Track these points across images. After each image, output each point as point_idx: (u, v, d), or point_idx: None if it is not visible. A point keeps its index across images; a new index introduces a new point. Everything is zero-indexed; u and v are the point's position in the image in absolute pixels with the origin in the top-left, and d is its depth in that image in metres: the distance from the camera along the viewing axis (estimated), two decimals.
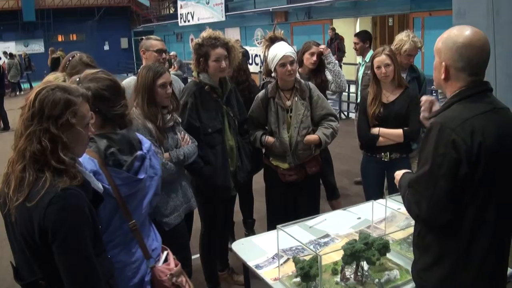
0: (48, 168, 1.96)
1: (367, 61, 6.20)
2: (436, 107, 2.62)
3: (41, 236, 1.93)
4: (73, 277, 1.98)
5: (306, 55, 4.87)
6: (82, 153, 2.17)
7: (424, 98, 2.69)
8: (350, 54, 6.87)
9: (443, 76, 2.20)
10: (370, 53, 6.32)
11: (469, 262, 2.16)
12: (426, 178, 2.10)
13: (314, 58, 4.84)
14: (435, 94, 5.43)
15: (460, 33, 2.15)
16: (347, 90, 11.96)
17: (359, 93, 6.38)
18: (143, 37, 4.54)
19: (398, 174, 2.54)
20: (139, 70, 3.47)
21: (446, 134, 2.04)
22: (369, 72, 5.32)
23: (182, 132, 3.56)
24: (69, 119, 1.99)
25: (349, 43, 6.67)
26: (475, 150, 2.02)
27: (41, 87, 2.02)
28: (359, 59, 6.62)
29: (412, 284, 2.67)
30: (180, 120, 3.57)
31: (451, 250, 2.17)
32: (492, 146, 2.06)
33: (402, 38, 4.78)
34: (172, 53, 18.87)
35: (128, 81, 4.21)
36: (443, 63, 2.18)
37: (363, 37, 6.56)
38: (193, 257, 4.49)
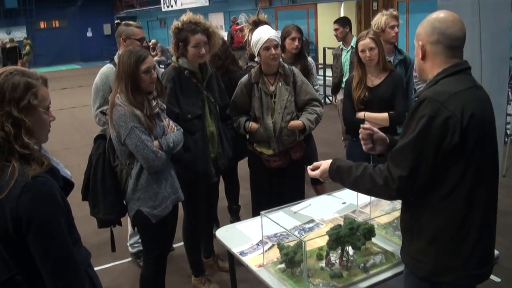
0: (14, 156, 1.91)
1: (354, 47, 6.17)
2: (378, 134, 2.63)
3: (15, 227, 1.88)
4: (51, 267, 1.94)
5: (288, 40, 4.81)
6: (45, 140, 2.11)
7: (361, 129, 2.66)
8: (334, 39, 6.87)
9: (420, 56, 2.21)
10: (355, 39, 6.29)
11: (466, 236, 2.16)
12: (412, 144, 2.08)
13: (296, 43, 4.79)
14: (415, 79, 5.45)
15: (436, 13, 2.20)
16: (329, 75, 11.96)
17: (343, 79, 6.35)
18: (119, 22, 4.41)
19: (323, 166, 2.52)
20: (120, 56, 3.30)
21: (435, 106, 2.04)
22: None
23: (167, 119, 3.47)
24: (31, 101, 1.96)
25: (333, 27, 6.63)
26: (465, 122, 2.03)
27: None
28: (341, 45, 6.59)
29: (398, 268, 2.68)
30: (164, 106, 3.47)
31: (447, 227, 2.16)
32: (479, 119, 2.09)
33: (377, 18, 4.87)
34: (152, 40, 18.70)
35: (105, 71, 4.12)
36: (420, 43, 2.21)
37: (342, 22, 6.56)
38: (177, 244, 4.49)
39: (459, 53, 2.20)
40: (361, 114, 4.17)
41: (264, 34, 3.88)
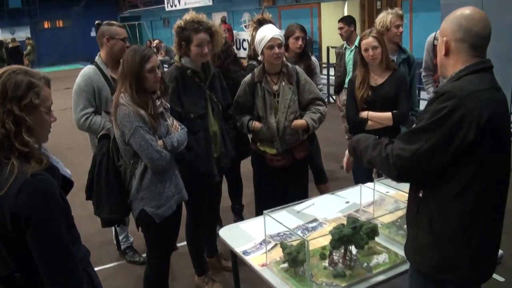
0: (13, 154, 1.93)
1: (358, 46, 6.16)
2: None
3: (14, 224, 1.89)
4: (49, 264, 1.95)
5: (291, 40, 4.80)
6: (45, 140, 2.13)
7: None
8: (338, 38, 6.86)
9: (443, 52, 2.20)
10: (359, 38, 6.28)
11: (473, 236, 2.15)
12: (422, 130, 2.10)
13: (299, 42, 4.78)
14: (424, 79, 5.47)
15: (462, 10, 2.18)
16: (333, 74, 11.95)
17: (346, 79, 6.34)
18: (99, 22, 4.38)
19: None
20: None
21: (454, 100, 2.03)
22: None
23: (171, 118, 3.46)
24: (32, 100, 1.98)
25: (336, 26, 6.61)
26: (482, 122, 2.02)
27: (2, 71, 2.00)
28: (344, 44, 6.58)
29: (401, 267, 2.67)
30: (168, 105, 3.45)
31: (454, 225, 2.15)
32: (496, 120, 2.09)
33: (382, 16, 4.85)
34: (155, 40, 18.68)
35: (87, 72, 4.09)
36: (444, 39, 2.19)
37: (347, 21, 6.53)
38: (180, 244, 4.49)
39: (483, 51, 2.19)
40: (364, 114, 4.15)
41: (268, 33, 3.87)
